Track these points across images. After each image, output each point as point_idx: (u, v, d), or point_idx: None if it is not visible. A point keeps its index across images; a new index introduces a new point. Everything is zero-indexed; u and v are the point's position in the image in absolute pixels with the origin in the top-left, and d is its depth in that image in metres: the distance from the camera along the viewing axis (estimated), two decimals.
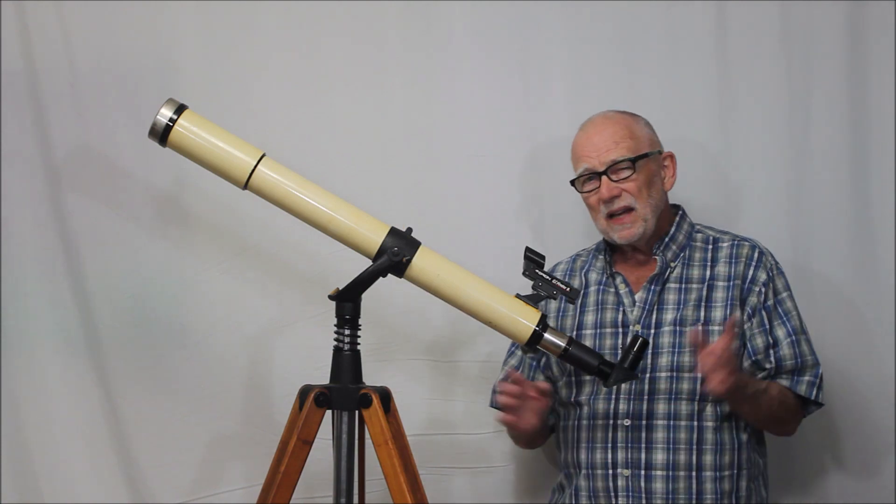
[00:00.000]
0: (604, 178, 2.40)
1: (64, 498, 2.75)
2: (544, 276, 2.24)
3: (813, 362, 2.42)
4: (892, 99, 2.67)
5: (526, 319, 2.23)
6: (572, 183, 2.46)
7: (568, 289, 2.23)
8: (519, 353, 2.60)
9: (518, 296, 2.26)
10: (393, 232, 2.21)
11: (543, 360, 2.57)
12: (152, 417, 2.79)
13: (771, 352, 2.42)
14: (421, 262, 2.21)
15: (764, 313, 2.43)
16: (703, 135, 2.76)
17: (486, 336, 2.56)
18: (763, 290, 2.43)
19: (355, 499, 2.23)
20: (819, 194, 2.71)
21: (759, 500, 2.44)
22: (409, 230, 2.24)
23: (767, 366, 2.42)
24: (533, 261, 2.25)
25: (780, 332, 2.42)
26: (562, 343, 2.24)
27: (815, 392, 2.41)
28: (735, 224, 2.67)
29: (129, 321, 2.79)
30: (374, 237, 2.20)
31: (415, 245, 2.22)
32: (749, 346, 2.43)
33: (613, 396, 2.42)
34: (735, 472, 2.40)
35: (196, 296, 2.80)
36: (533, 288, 2.24)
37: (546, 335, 2.23)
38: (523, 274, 2.26)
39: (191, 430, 2.78)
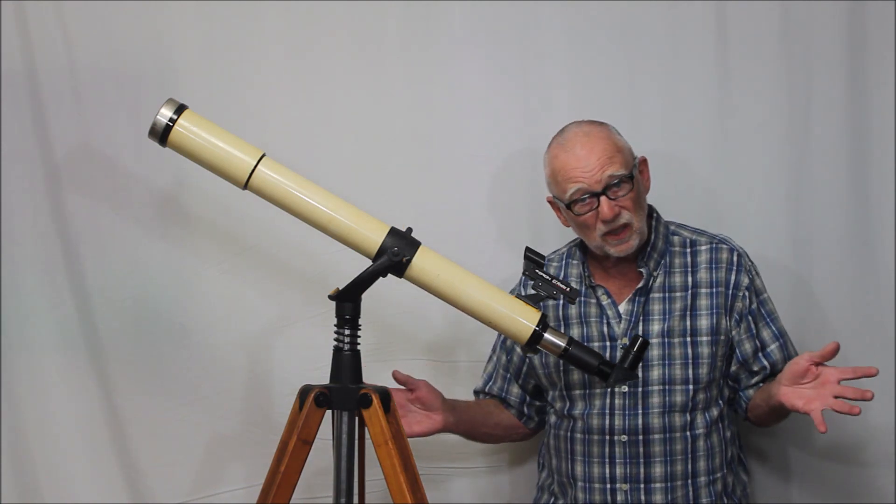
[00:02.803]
0: (603, 198, 2.36)
1: (64, 498, 2.75)
2: (544, 276, 2.24)
3: None
4: (892, 99, 2.66)
5: (526, 319, 2.23)
6: (568, 206, 2.40)
7: (568, 289, 2.23)
8: (495, 357, 2.62)
9: (518, 296, 2.26)
10: (393, 232, 2.21)
11: (525, 368, 2.57)
12: (152, 417, 2.78)
13: (760, 354, 2.44)
14: (421, 262, 2.21)
15: (750, 318, 2.45)
16: (702, 135, 2.75)
17: (486, 336, 2.56)
18: (746, 293, 2.44)
19: (355, 499, 2.22)
20: (819, 195, 2.70)
21: (742, 485, 2.48)
22: (409, 230, 2.23)
23: (756, 368, 2.44)
24: (533, 261, 2.24)
25: (766, 334, 2.45)
26: (562, 343, 2.23)
27: None
28: (735, 225, 2.66)
29: (129, 321, 2.79)
30: (374, 237, 2.20)
31: (415, 245, 2.21)
32: (738, 350, 2.45)
33: (608, 412, 2.43)
34: (725, 471, 2.44)
35: (196, 296, 2.80)
36: (533, 288, 2.24)
37: (546, 335, 2.23)
38: (523, 274, 2.26)
39: (191, 430, 2.79)
